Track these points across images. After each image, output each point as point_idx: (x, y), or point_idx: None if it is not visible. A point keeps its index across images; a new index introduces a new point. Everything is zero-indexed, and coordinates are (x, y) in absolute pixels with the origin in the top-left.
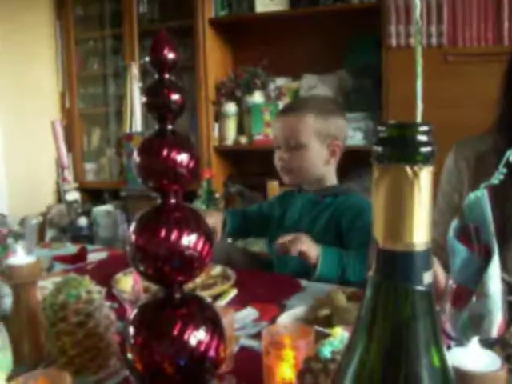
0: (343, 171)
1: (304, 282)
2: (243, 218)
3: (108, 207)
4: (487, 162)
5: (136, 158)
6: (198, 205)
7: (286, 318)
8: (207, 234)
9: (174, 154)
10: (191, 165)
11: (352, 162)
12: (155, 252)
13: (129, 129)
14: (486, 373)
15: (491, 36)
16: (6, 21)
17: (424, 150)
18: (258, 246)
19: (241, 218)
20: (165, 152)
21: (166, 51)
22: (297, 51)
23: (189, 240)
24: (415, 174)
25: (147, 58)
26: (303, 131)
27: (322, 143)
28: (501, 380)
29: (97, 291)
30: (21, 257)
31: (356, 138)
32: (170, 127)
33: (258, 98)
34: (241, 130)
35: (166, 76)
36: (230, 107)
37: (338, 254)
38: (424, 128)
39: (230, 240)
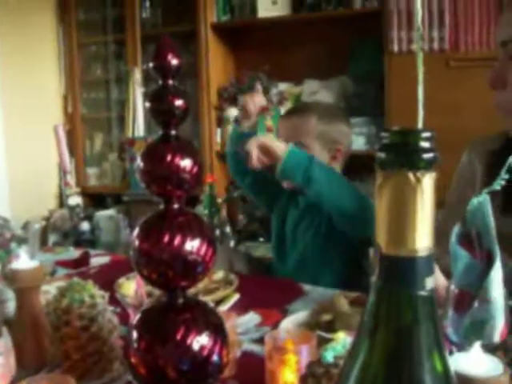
0: (345, 176)
1: (306, 287)
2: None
3: (110, 212)
4: (500, 159)
5: (140, 163)
6: (200, 210)
7: (288, 323)
8: (210, 239)
9: (177, 160)
10: (195, 170)
11: (354, 167)
12: (158, 257)
13: (131, 134)
14: (488, 378)
15: (493, 40)
16: (8, 25)
17: (426, 156)
18: (259, 250)
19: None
20: (168, 157)
21: (169, 57)
22: (299, 56)
23: (192, 245)
24: (418, 180)
25: (150, 64)
26: (305, 132)
27: (323, 146)
28: None
29: (100, 296)
30: (24, 261)
31: (358, 143)
32: (173, 132)
33: None
34: None
35: (170, 82)
36: (233, 112)
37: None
38: (426, 134)
39: (232, 244)
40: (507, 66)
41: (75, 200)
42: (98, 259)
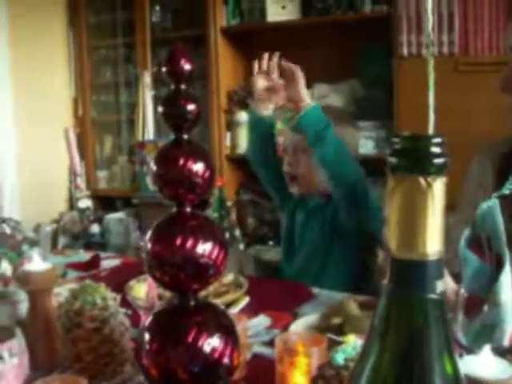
0: None
1: (316, 290)
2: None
3: (120, 215)
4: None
5: (152, 166)
6: (210, 213)
7: (298, 326)
8: (222, 243)
9: (190, 164)
10: (207, 174)
11: (363, 171)
12: (171, 260)
13: (141, 137)
14: (497, 380)
15: (503, 45)
16: (19, 28)
17: (437, 161)
18: (269, 254)
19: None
20: (181, 161)
21: (182, 62)
22: (308, 60)
23: (204, 248)
24: (428, 185)
25: (163, 69)
26: None
27: None
28: None
29: (112, 298)
30: (37, 263)
31: (367, 147)
32: (185, 137)
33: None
34: None
35: (182, 86)
36: (242, 116)
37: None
38: (437, 140)
39: (241, 247)
40: None
41: (85, 203)
42: (109, 262)
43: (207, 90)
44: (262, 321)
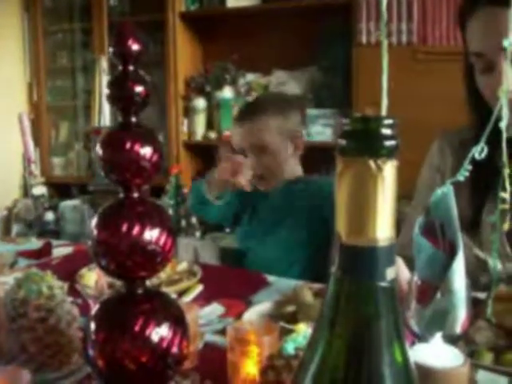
0: (312, 167)
1: (271, 278)
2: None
3: (75, 202)
4: (470, 149)
5: (99, 150)
6: (166, 200)
7: (251, 314)
8: (170, 229)
9: (137, 147)
10: (155, 158)
11: (321, 158)
12: (117, 247)
13: (97, 123)
14: (448, 368)
15: (460, 35)
16: None
17: (388, 143)
18: (225, 241)
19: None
20: (128, 145)
21: (130, 42)
22: (267, 47)
23: (151, 234)
24: (379, 168)
25: (110, 49)
26: (264, 134)
27: (284, 140)
28: (463, 375)
29: (59, 287)
30: None
31: (325, 135)
32: (133, 120)
33: (227, 93)
34: (210, 125)
35: (131, 68)
36: (200, 102)
37: None
38: (388, 122)
39: (198, 234)
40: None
41: (40, 190)
42: (61, 250)
43: (165, 75)
44: (215, 309)
